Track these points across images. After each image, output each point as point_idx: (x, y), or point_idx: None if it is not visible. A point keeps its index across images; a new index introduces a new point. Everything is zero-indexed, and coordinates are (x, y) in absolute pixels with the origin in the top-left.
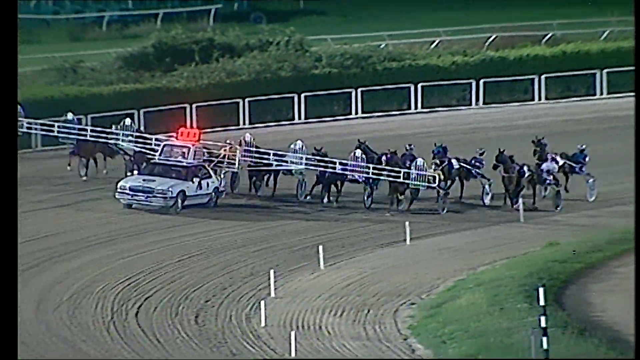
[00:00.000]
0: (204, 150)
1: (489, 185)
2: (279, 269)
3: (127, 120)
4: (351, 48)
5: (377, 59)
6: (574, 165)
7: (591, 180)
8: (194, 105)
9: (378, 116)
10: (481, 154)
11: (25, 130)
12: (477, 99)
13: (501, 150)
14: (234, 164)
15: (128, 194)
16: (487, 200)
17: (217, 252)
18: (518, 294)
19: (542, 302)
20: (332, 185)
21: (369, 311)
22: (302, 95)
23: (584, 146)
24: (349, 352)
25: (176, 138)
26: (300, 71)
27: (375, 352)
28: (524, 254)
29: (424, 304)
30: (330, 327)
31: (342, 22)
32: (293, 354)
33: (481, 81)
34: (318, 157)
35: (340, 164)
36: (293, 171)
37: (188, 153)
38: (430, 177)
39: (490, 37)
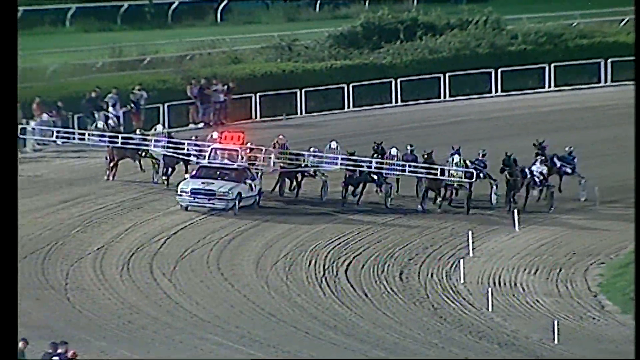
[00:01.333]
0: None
1: (496, 185)
2: (476, 231)
3: (159, 127)
4: (545, 26)
5: (569, 36)
6: (566, 166)
7: (583, 181)
8: (398, 80)
9: (569, 89)
10: (483, 155)
11: (61, 136)
12: None
13: (508, 154)
14: (268, 165)
15: (189, 196)
16: (494, 200)
17: (420, 214)
18: None
19: None
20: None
21: (560, 270)
22: (499, 71)
23: (572, 148)
24: (542, 308)
25: (220, 141)
26: (497, 48)
27: (567, 308)
28: None
29: (612, 264)
30: (525, 284)
31: (537, 1)
32: (490, 309)
33: None
34: (352, 158)
35: (377, 162)
36: (317, 173)
37: (237, 156)
38: (468, 173)
39: None
